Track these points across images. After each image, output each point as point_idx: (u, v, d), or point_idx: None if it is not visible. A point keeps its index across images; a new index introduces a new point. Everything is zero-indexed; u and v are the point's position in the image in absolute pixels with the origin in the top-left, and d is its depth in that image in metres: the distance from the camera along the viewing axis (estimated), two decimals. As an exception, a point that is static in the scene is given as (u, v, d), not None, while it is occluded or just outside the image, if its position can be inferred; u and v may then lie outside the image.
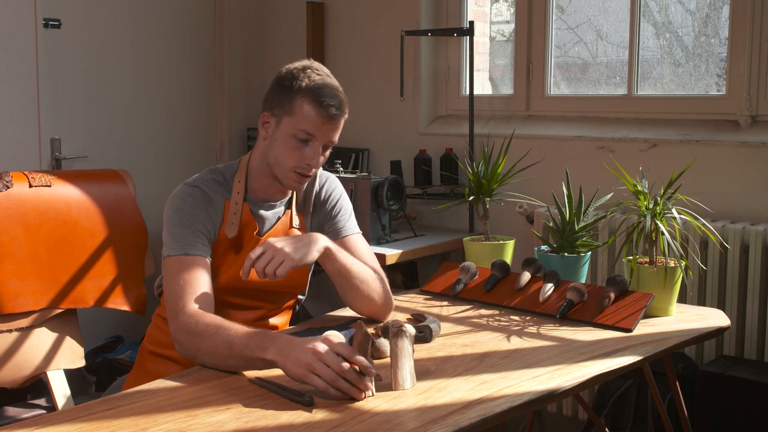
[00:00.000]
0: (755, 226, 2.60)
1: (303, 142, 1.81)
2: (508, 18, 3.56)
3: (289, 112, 1.80)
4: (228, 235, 1.86)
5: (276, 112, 1.83)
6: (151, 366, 1.95)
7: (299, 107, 1.79)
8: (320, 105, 1.78)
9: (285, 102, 1.80)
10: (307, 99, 1.78)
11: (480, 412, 1.38)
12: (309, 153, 1.81)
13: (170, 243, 1.80)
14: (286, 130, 1.81)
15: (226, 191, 1.89)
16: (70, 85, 3.39)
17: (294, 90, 1.79)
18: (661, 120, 2.97)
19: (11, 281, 2.43)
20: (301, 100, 1.79)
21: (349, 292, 1.87)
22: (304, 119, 1.79)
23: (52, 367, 2.51)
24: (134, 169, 3.28)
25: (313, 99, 1.78)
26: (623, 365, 1.65)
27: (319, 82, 1.79)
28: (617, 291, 1.96)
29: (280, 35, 4.02)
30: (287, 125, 1.80)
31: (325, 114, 1.79)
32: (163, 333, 1.94)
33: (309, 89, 1.78)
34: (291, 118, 1.80)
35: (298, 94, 1.79)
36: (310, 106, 1.78)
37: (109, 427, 1.34)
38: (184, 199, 1.85)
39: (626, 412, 2.68)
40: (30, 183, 2.50)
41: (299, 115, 1.79)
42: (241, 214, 1.87)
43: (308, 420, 1.36)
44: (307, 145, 1.81)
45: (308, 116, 1.79)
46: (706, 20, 3.02)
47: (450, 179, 3.29)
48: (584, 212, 2.18)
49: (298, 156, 1.81)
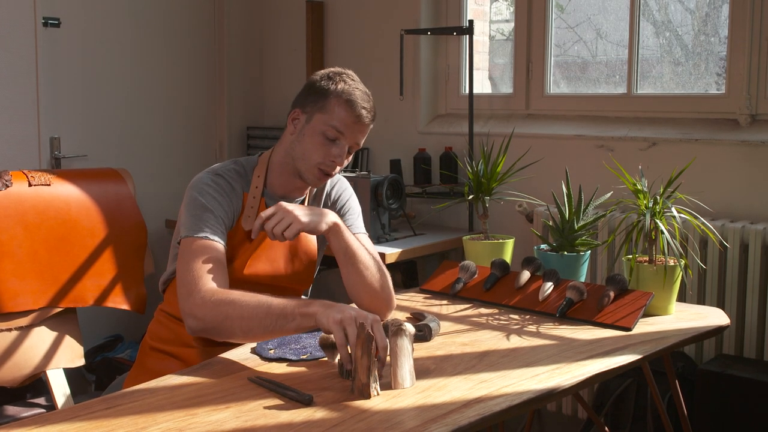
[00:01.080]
0: (755, 225, 2.60)
1: (331, 140, 1.88)
2: (508, 17, 3.56)
3: (321, 109, 1.88)
4: (245, 227, 1.90)
5: (308, 109, 1.90)
6: (151, 362, 1.96)
7: (333, 105, 1.87)
8: (353, 106, 1.86)
9: (319, 100, 1.88)
10: (342, 99, 1.87)
11: (479, 411, 1.38)
12: (336, 151, 1.88)
13: (191, 225, 1.82)
14: (316, 125, 1.88)
15: (246, 183, 1.94)
16: (70, 84, 3.39)
17: (329, 90, 1.88)
18: (661, 119, 2.97)
19: (11, 280, 2.43)
20: (335, 99, 1.87)
21: (353, 275, 1.87)
22: (336, 117, 1.86)
23: (52, 366, 2.51)
24: (134, 168, 3.28)
25: (347, 99, 1.86)
26: (623, 364, 1.65)
27: (354, 87, 1.89)
28: (617, 290, 1.96)
29: (279, 34, 4.02)
30: (318, 121, 1.88)
31: (357, 116, 1.87)
32: (166, 329, 1.95)
33: (345, 91, 1.87)
34: (323, 115, 1.87)
35: (333, 94, 1.87)
36: (344, 105, 1.86)
37: (109, 426, 1.34)
38: (209, 185, 1.89)
39: (626, 411, 2.68)
40: (29, 182, 2.50)
41: (332, 112, 1.87)
42: (258, 207, 1.92)
43: (308, 419, 1.36)
44: (335, 144, 1.88)
45: (340, 115, 1.86)
46: (705, 19, 3.02)
47: (449, 178, 3.29)
48: (584, 211, 2.18)
49: (325, 152, 1.88)
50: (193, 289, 1.71)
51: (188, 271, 1.75)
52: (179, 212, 1.91)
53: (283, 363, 1.65)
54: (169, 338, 1.95)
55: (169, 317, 1.97)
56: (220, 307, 1.67)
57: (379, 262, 1.94)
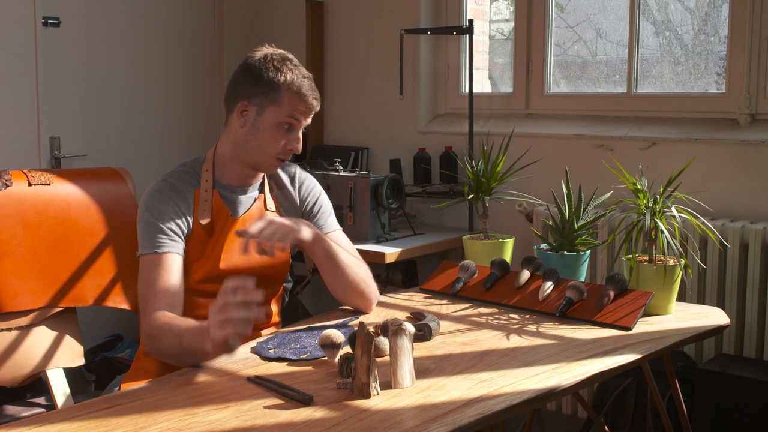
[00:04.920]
0: (755, 225, 2.60)
1: (288, 130, 1.92)
2: (508, 16, 3.56)
3: (274, 102, 1.90)
4: (201, 221, 1.92)
5: (257, 101, 1.91)
6: (145, 365, 1.97)
7: (286, 96, 1.89)
8: (306, 97, 1.91)
9: (269, 92, 1.89)
10: (293, 90, 1.89)
11: (479, 410, 1.38)
12: (294, 138, 1.93)
13: (141, 242, 1.90)
14: (271, 118, 1.90)
15: (195, 181, 1.97)
16: (70, 83, 3.39)
17: (279, 82, 1.89)
18: (661, 118, 2.97)
19: (10, 280, 2.43)
20: (287, 92, 1.89)
21: (336, 277, 1.95)
22: (291, 108, 1.90)
23: (52, 366, 2.50)
24: (133, 167, 3.27)
25: (299, 91, 1.90)
26: (622, 363, 1.65)
27: (302, 75, 1.92)
28: (616, 289, 1.96)
29: (279, 34, 4.02)
30: (273, 114, 1.90)
31: (309, 104, 1.92)
32: None
33: (296, 81, 1.90)
34: (277, 107, 1.90)
35: (284, 86, 1.89)
36: (297, 97, 1.90)
37: (109, 426, 1.34)
38: (153, 196, 1.93)
39: (625, 410, 2.68)
40: (29, 181, 2.50)
41: (287, 104, 1.90)
42: (211, 200, 1.95)
43: (307, 418, 1.36)
44: (291, 132, 1.93)
45: (295, 106, 1.90)
46: (705, 18, 3.02)
47: (449, 178, 3.29)
48: (583, 211, 2.18)
49: (283, 142, 1.92)
50: (143, 316, 1.81)
51: (140, 292, 1.84)
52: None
53: (283, 362, 1.65)
54: None
55: None
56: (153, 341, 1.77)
57: (358, 257, 2.02)
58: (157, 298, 1.80)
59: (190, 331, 1.65)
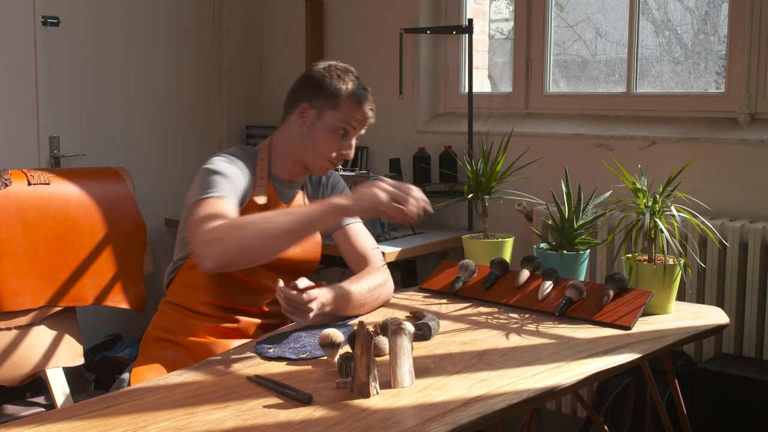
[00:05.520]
0: (754, 224, 2.60)
1: (342, 135, 2.02)
2: (507, 16, 3.56)
3: (334, 107, 2.01)
4: (257, 199, 1.99)
5: (317, 105, 2.02)
6: (153, 351, 2.00)
7: (345, 104, 2.01)
8: (363, 106, 2.03)
9: (330, 98, 2.01)
10: (353, 99, 2.01)
11: (479, 409, 1.38)
12: (346, 144, 2.04)
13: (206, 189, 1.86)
14: (329, 122, 2.01)
15: (252, 165, 2.04)
16: (69, 83, 3.39)
17: (341, 89, 2.01)
18: (660, 118, 2.97)
19: (10, 279, 2.43)
20: (347, 99, 2.01)
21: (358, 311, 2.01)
22: (348, 115, 2.01)
23: (51, 365, 2.50)
24: (133, 167, 3.27)
25: (358, 100, 2.02)
26: (622, 363, 1.65)
27: (361, 86, 2.05)
28: (616, 289, 1.96)
29: (278, 33, 4.02)
30: (331, 118, 2.01)
31: (366, 114, 2.04)
32: (172, 320, 2.01)
33: (356, 92, 2.02)
34: (336, 112, 2.01)
35: (344, 93, 2.01)
36: (355, 105, 2.01)
37: (108, 425, 1.34)
38: (223, 161, 1.96)
39: (625, 409, 2.68)
40: (29, 181, 2.50)
41: (345, 110, 2.01)
42: (266, 186, 2.03)
43: (307, 417, 1.36)
44: (345, 138, 2.04)
45: (353, 113, 2.01)
46: (705, 18, 3.02)
47: (449, 177, 3.29)
48: (583, 210, 2.18)
49: (336, 146, 2.03)
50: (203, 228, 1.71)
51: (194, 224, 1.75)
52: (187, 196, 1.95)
53: (283, 362, 1.65)
54: (176, 328, 1.99)
55: (175, 308, 2.02)
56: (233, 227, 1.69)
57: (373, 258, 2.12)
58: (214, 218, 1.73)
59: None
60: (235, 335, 1.98)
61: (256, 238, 1.67)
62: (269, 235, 1.67)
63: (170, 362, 1.95)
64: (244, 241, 1.66)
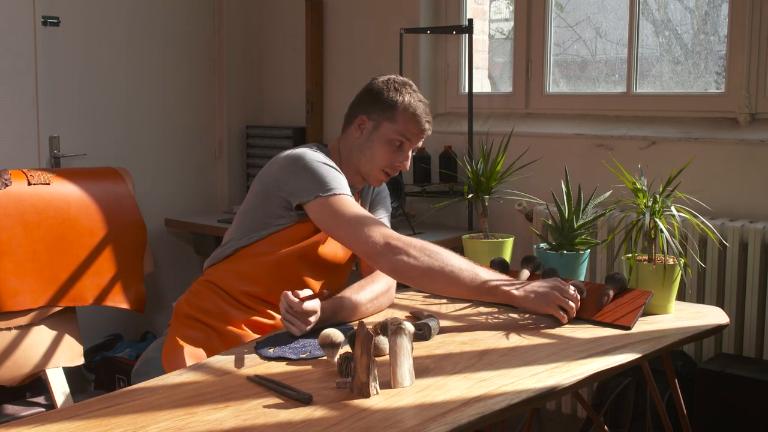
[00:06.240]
0: (754, 224, 2.60)
1: (398, 147, 2.07)
2: (507, 16, 3.56)
3: (390, 119, 2.06)
4: None
5: (374, 117, 2.07)
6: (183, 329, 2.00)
7: (401, 116, 2.05)
8: (419, 119, 2.07)
9: (387, 110, 2.06)
10: (409, 111, 2.06)
11: (479, 409, 1.38)
12: (402, 156, 2.08)
13: (331, 183, 1.94)
14: (385, 133, 2.06)
15: None
16: (69, 83, 3.39)
17: (397, 102, 2.06)
18: (660, 118, 2.97)
19: (10, 279, 2.43)
20: (404, 112, 2.06)
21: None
22: (404, 128, 2.06)
23: (51, 365, 2.50)
24: (133, 166, 3.27)
25: (415, 112, 2.06)
26: (622, 363, 1.65)
27: (419, 99, 2.09)
28: (616, 289, 1.96)
29: (279, 33, 4.02)
30: (388, 130, 2.06)
31: (422, 127, 2.08)
32: (206, 300, 2.02)
33: (412, 104, 2.07)
34: (392, 124, 2.06)
35: (401, 106, 2.06)
36: (411, 118, 2.06)
37: (108, 425, 1.34)
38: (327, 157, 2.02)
39: (625, 409, 2.68)
40: (29, 181, 2.50)
41: (400, 123, 2.05)
42: None
43: (307, 417, 1.36)
44: (401, 150, 2.08)
45: (408, 126, 2.06)
46: (705, 18, 3.02)
47: (449, 177, 3.29)
48: (583, 210, 2.18)
49: (392, 158, 2.07)
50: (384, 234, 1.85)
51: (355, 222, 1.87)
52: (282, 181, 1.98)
53: (283, 362, 1.65)
54: (213, 311, 2.00)
55: (215, 289, 2.03)
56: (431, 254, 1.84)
57: None
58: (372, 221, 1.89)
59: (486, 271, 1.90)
60: (268, 331, 1.98)
61: (439, 273, 1.83)
62: (450, 278, 1.84)
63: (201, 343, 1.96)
64: (430, 269, 1.83)
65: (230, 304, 2.00)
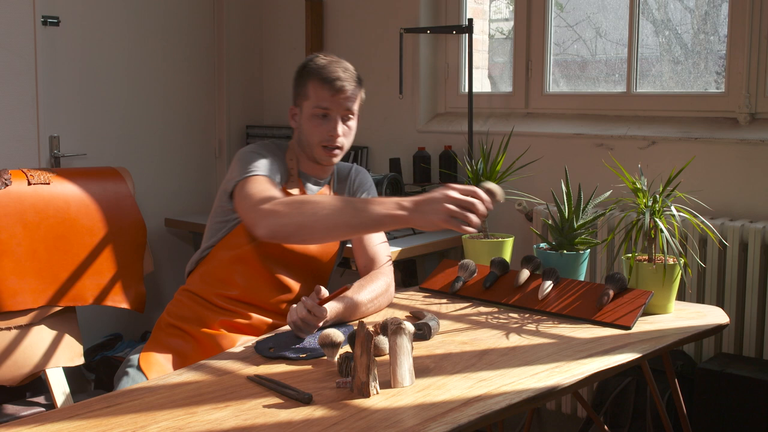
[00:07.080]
0: (754, 224, 2.60)
1: (322, 118, 2.02)
2: (507, 15, 3.56)
3: (305, 97, 2.03)
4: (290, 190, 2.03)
5: (298, 102, 2.07)
6: (164, 337, 2.02)
7: (311, 88, 2.02)
8: (326, 80, 2.00)
9: (300, 89, 2.05)
10: (315, 78, 2.01)
11: (479, 409, 1.38)
12: (329, 126, 2.02)
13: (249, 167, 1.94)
14: (306, 112, 2.03)
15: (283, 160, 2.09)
16: (69, 82, 3.39)
17: (304, 76, 2.04)
18: (660, 117, 2.97)
19: (10, 279, 2.43)
20: (311, 82, 2.02)
21: None
22: (316, 97, 2.01)
23: (51, 365, 2.50)
24: (133, 166, 3.28)
25: (320, 76, 2.00)
26: (622, 363, 1.65)
27: (324, 62, 2.03)
28: (616, 288, 1.96)
29: (279, 32, 4.02)
30: (307, 108, 2.03)
31: (332, 87, 2.00)
32: (188, 309, 2.03)
33: (315, 70, 2.02)
34: (308, 101, 2.03)
35: (308, 78, 2.03)
36: (319, 83, 2.00)
37: (108, 425, 1.34)
38: (257, 147, 2.03)
39: (625, 409, 2.68)
40: (29, 181, 2.50)
41: (312, 94, 2.01)
42: (297, 183, 2.08)
43: (307, 417, 1.36)
44: (327, 119, 2.02)
45: (319, 93, 2.00)
46: (705, 18, 3.02)
47: (449, 177, 3.29)
48: (583, 210, 2.18)
49: (320, 130, 2.02)
50: (259, 203, 1.80)
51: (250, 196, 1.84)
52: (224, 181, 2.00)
53: (283, 362, 1.65)
54: (189, 317, 2.01)
55: (192, 296, 2.04)
56: (295, 204, 1.76)
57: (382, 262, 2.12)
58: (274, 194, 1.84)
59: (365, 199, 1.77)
60: (246, 331, 1.98)
61: (314, 220, 1.73)
62: (327, 222, 1.73)
63: (178, 351, 1.97)
64: (303, 219, 1.74)
65: (206, 308, 2.01)
